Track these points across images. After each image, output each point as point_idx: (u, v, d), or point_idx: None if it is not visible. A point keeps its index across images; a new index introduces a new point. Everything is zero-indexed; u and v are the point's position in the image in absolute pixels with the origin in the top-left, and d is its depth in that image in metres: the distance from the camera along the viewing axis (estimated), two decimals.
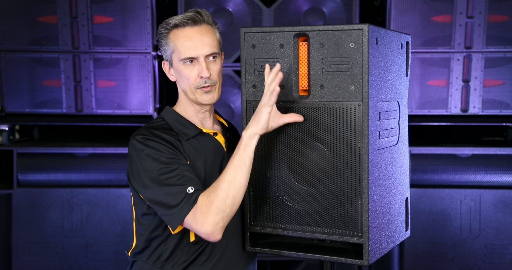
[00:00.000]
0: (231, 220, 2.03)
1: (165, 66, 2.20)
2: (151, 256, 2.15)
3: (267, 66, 2.01)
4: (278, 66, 1.99)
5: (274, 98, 1.97)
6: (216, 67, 2.14)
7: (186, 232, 2.10)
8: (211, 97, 2.14)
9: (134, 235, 2.22)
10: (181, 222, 1.99)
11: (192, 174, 2.04)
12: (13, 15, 4.15)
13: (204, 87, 2.11)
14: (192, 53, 2.09)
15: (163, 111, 2.22)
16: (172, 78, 2.20)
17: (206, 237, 1.99)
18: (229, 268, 2.17)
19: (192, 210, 1.97)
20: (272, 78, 1.98)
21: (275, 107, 2.03)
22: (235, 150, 2.02)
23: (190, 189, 1.99)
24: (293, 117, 2.05)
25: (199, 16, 2.12)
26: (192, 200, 1.97)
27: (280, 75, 1.98)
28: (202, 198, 1.97)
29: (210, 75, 2.10)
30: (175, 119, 2.17)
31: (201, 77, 2.10)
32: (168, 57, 2.16)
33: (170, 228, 2.05)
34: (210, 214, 1.95)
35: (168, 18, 2.15)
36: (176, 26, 2.12)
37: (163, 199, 2.00)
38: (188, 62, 2.10)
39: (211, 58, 2.12)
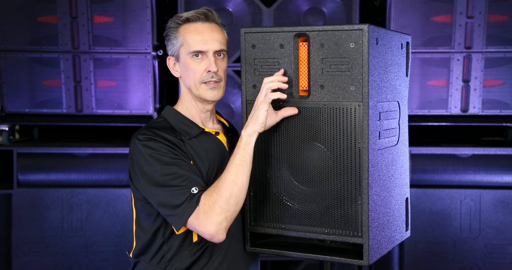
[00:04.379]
0: (234, 219, 2.02)
1: (170, 62, 2.20)
2: (154, 257, 2.14)
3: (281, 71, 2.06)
4: (282, 71, 2.04)
5: (270, 96, 2.00)
6: (223, 64, 2.15)
7: (189, 232, 2.10)
8: (216, 93, 2.14)
9: (134, 236, 2.21)
10: (185, 223, 1.99)
11: (195, 175, 2.03)
12: (13, 15, 4.15)
13: (210, 82, 2.11)
14: (202, 46, 2.10)
15: (164, 110, 2.21)
16: (176, 74, 2.19)
17: (209, 238, 1.97)
18: (232, 268, 2.17)
19: (195, 210, 1.96)
20: (272, 79, 2.01)
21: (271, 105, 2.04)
22: (235, 149, 2.02)
23: (194, 190, 1.98)
24: (288, 111, 2.06)
25: (211, 13, 2.14)
26: (195, 200, 1.97)
27: (282, 78, 2.01)
28: (205, 198, 1.97)
29: (217, 70, 2.11)
30: (177, 118, 2.17)
31: (209, 71, 2.10)
32: (175, 51, 2.15)
33: (174, 229, 2.04)
34: (213, 213, 1.94)
35: (178, 13, 2.17)
36: (187, 20, 2.12)
37: (166, 200, 2.00)
38: (196, 56, 2.10)
39: (219, 55, 2.13)
